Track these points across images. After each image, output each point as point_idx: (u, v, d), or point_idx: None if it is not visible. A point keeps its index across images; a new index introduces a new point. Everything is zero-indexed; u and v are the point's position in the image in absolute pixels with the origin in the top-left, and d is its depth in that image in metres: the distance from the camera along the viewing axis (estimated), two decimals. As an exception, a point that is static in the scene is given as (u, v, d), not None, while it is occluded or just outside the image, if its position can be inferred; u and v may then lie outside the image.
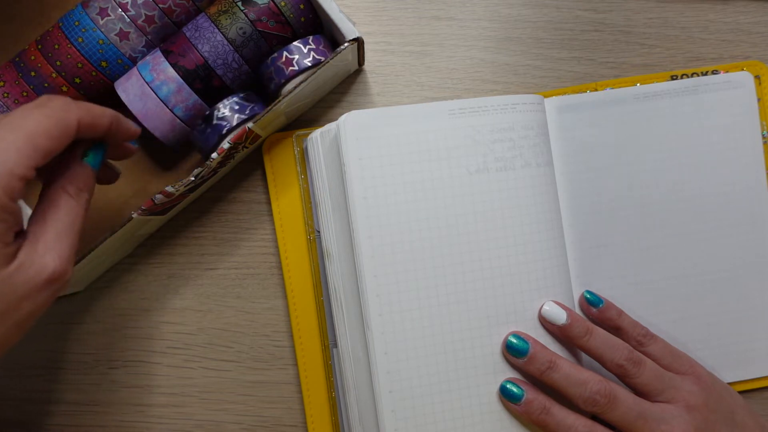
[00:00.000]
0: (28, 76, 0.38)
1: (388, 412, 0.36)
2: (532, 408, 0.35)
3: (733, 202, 0.42)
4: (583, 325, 0.37)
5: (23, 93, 0.38)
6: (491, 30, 0.44)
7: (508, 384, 0.36)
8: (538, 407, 0.35)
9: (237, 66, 0.38)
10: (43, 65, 0.38)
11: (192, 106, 0.38)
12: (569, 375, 0.35)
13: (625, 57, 0.44)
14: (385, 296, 0.36)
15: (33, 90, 0.38)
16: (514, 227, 0.37)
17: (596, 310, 0.39)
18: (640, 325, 0.38)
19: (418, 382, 0.36)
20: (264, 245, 0.43)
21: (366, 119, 0.36)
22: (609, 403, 0.34)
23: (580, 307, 0.40)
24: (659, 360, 0.37)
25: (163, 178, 0.43)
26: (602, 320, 0.39)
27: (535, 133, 0.39)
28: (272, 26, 0.38)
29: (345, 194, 0.36)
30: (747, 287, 0.42)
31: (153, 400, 0.42)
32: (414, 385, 0.36)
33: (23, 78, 0.38)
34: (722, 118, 0.42)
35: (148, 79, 0.37)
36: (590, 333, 0.36)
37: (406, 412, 0.36)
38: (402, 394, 0.36)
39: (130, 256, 0.43)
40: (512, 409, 0.36)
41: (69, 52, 0.37)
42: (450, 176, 0.37)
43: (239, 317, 0.42)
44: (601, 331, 0.37)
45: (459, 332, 0.37)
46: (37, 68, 0.38)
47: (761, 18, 0.44)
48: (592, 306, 0.39)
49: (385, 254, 0.36)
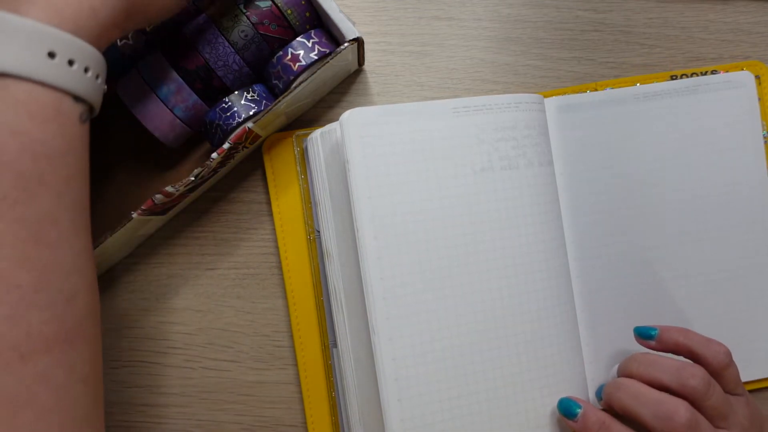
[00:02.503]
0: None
1: (397, 420, 0.35)
2: (589, 423, 0.34)
3: (734, 202, 0.42)
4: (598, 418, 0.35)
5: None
6: (491, 30, 0.44)
7: (565, 399, 0.36)
8: (596, 422, 0.34)
9: (237, 68, 0.38)
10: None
11: (192, 106, 0.38)
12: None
13: (625, 57, 0.44)
14: (392, 299, 0.35)
15: None
16: (518, 226, 0.37)
17: (654, 342, 0.37)
18: (715, 343, 0.36)
19: (427, 389, 0.35)
20: (264, 245, 0.43)
21: (370, 116, 0.36)
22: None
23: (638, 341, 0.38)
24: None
25: (163, 178, 0.43)
26: (666, 350, 0.37)
27: (537, 132, 0.39)
28: (274, 29, 0.38)
29: (349, 194, 0.36)
30: (747, 287, 0.42)
31: (153, 400, 0.42)
32: (423, 392, 0.35)
33: None
34: (722, 118, 0.42)
35: (147, 79, 0.38)
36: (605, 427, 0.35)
37: (415, 421, 0.35)
38: (411, 402, 0.35)
39: (130, 256, 0.43)
40: (569, 425, 0.36)
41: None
42: (455, 175, 0.37)
43: (239, 317, 0.42)
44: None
45: (468, 335, 0.36)
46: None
47: (761, 18, 0.44)
48: (647, 340, 0.37)
49: (391, 255, 0.35)
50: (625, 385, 0.35)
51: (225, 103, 0.39)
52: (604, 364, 0.40)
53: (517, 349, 0.37)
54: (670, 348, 0.36)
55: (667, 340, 0.36)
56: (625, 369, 0.37)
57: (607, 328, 0.41)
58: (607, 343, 0.41)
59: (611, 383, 0.36)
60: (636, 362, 0.36)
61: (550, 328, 0.38)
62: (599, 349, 0.41)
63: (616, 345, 0.41)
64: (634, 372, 0.36)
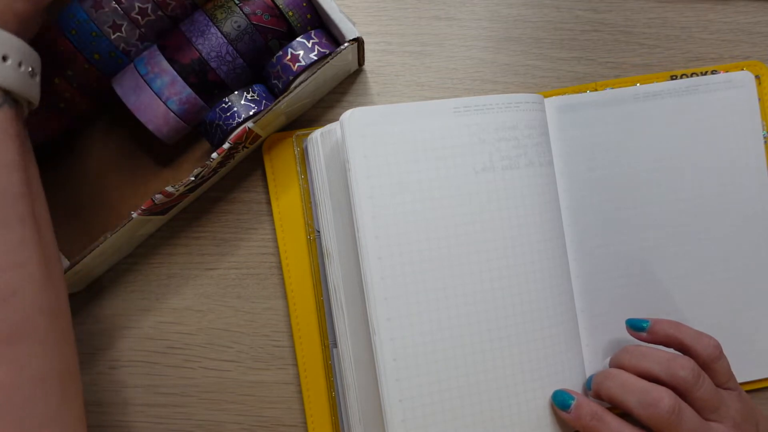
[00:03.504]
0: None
1: (398, 422, 0.35)
2: (582, 414, 0.35)
3: (734, 202, 0.42)
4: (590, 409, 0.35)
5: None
6: (491, 30, 0.44)
7: (560, 392, 0.36)
8: (588, 413, 0.35)
9: (231, 59, 0.38)
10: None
11: (186, 99, 0.38)
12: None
13: (625, 57, 0.44)
14: (393, 300, 0.35)
15: None
16: (519, 226, 0.37)
17: (645, 334, 0.37)
18: (706, 336, 0.36)
19: (429, 389, 0.35)
20: (264, 245, 0.43)
21: (371, 116, 0.36)
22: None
23: (631, 334, 0.38)
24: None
25: (163, 178, 0.43)
26: (657, 342, 0.37)
27: (538, 132, 0.39)
28: (267, 20, 0.38)
29: (350, 193, 0.36)
30: (747, 287, 0.42)
31: (153, 400, 0.42)
32: (424, 393, 0.35)
33: None
34: (722, 118, 0.42)
35: (142, 72, 0.38)
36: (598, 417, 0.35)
37: (416, 422, 0.35)
38: (413, 402, 0.35)
39: (130, 256, 0.43)
40: (563, 417, 0.36)
41: (62, 44, 0.37)
42: (456, 175, 0.36)
43: (239, 317, 0.42)
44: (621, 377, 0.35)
45: (470, 336, 0.36)
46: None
47: (761, 18, 0.44)
48: (638, 332, 0.38)
49: (393, 255, 0.35)
50: (613, 374, 0.36)
51: (225, 103, 0.39)
52: (603, 363, 0.40)
53: (519, 349, 0.37)
54: (660, 340, 0.37)
55: (658, 332, 0.37)
56: (616, 361, 0.37)
57: (606, 328, 0.41)
58: (607, 342, 0.41)
59: (600, 373, 0.37)
60: (627, 354, 0.37)
61: (550, 328, 0.38)
62: (598, 348, 0.41)
63: (616, 344, 0.41)
64: (626, 363, 0.36)
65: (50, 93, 0.38)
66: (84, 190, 0.43)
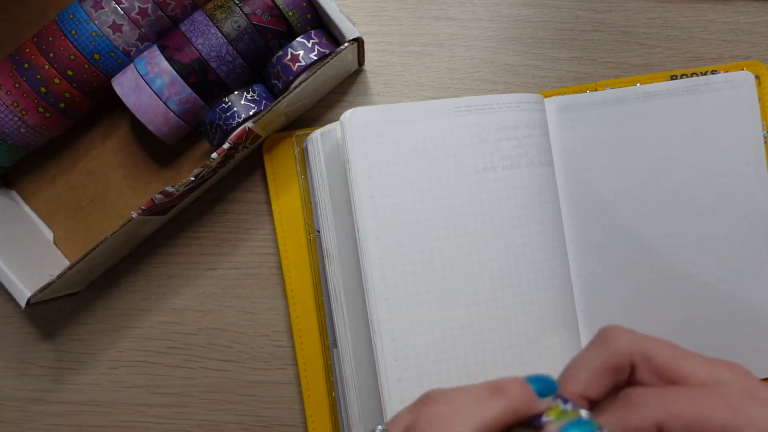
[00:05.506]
0: (21, 68, 0.38)
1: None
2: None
3: (734, 203, 0.42)
4: None
5: (15, 84, 0.38)
6: (491, 30, 0.44)
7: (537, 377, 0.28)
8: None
9: (231, 59, 0.38)
10: (36, 57, 0.38)
11: (186, 99, 0.38)
12: None
13: (625, 57, 0.44)
14: (394, 300, 0.35)
15: (25, 81, 0.38)
16: (520, 226, 0.37)
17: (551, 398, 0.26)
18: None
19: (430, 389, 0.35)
20: (264, 245, 0.43)
21: (371, 116, 0.36)
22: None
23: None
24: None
25: (163, 178, 0.43)
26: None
27: (538, 132, 0.39)
28: (267, 20, 0.38)
29: (350, 193, 0.36)
30: (747, 288, 0.42)
31: (153, 400, 0.42)
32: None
33: (16, 70, 0.38)
34: (722, 118, 0.42)
35: (142, 72, 0.38)
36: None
37: None
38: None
39: (130, 256, 0.43)
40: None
41: (62, 44, 0.37)
42: (457, 174, 0.36)
43: (239, 317, 0.42)
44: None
45: (471, 336, 0.36)
46: (30, 60, 0.38)
47: (761, 18, 0.44)
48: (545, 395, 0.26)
49: (393, 256, 0.35)
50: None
51: (225, 103, 0.39)
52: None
53: (520, 349, 0.37)
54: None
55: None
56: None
57: (607, 328, 0.41)
58: (607, 343, 0.41)
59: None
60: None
61: (551, 328, 0.38)
62: (599, 349, 0.41)
63: (616, 345, 0.41)
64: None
65: (50, 93, 0.38)
66: (84, 190, 0.43)
